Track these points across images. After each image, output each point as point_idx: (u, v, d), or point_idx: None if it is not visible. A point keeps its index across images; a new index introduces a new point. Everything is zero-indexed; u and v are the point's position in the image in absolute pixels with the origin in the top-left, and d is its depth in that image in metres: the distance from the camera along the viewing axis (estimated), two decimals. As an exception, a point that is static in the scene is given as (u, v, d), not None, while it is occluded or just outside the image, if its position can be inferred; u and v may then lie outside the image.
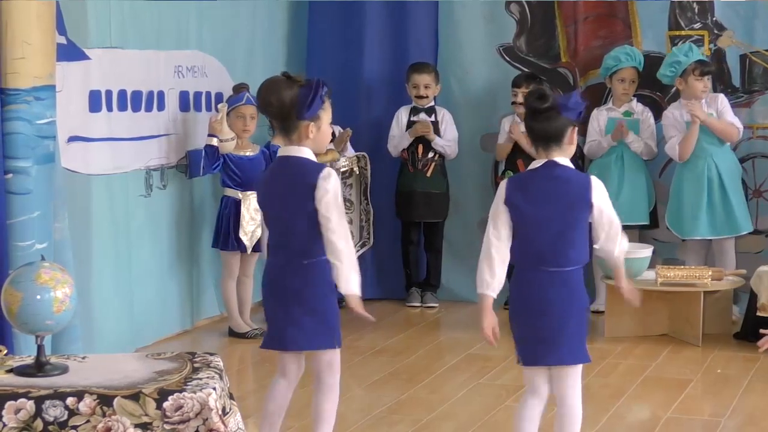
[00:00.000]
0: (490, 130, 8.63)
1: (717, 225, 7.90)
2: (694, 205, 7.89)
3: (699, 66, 7.86)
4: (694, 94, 7.90)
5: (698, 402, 6.26)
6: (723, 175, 7.89)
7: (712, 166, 7.89)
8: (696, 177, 7.90)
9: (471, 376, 6.68)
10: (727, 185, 7.88)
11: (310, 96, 4.67)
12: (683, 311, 7.51)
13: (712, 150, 7.90)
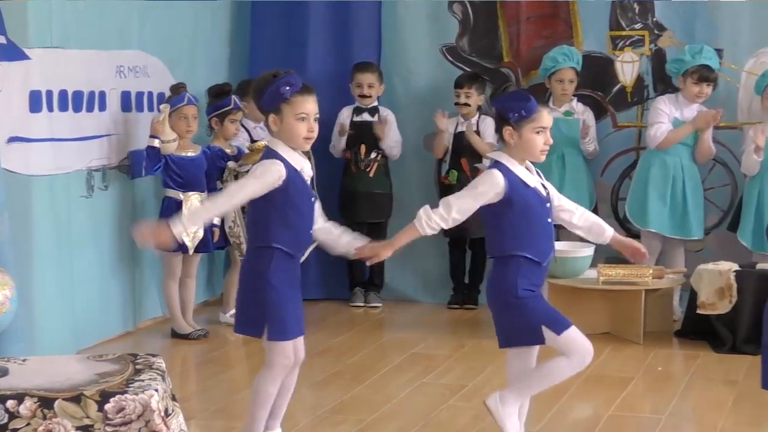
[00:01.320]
0: (433, 130, 8.63)
1: (672, 224, 7.96)
2: (657, 199, 7.95)
3: (699, 70, 7.83)
4: (689, 97, 7.90)
5: (639, 400, 6.30)
6: (687, 178, 7.95)
7: (679, 166, 7.95)
8: (664, 172, 7.96)
9: (415, 376, 6.68)
10: (688, 188, 7.94)
11: (265, 88, 4.74)
12: (625, 310, 7.56)
13: (684, 151, 7.96)
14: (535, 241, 4.83)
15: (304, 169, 4.83)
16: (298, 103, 4.78)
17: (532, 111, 4.77)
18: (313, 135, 4.84)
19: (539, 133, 4.82)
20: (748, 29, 8.22)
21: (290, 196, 4.79)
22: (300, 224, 4.86)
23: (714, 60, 7.87)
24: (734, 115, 8.28)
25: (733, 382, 6.49)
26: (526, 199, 4.81)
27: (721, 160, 8.30)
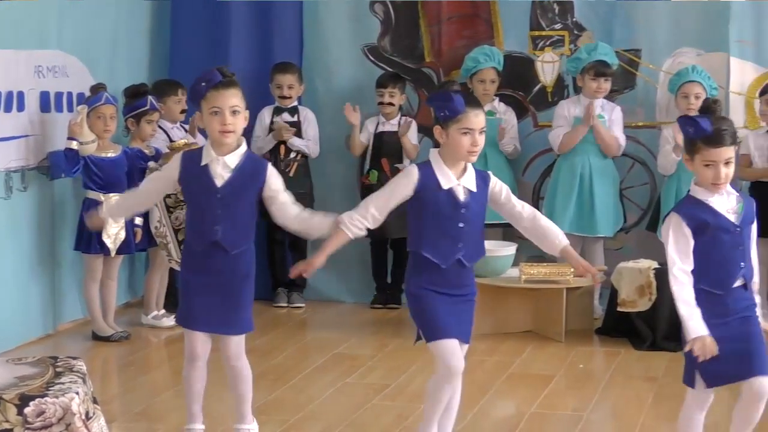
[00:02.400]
0: (355, 130, 8.65)
1: (579, 223, 8.04)
2: (565, 198, 8.03)
3: (595, 66, 7.95)
4: (587, 93, 8.01)
5: (561, 397, 6.35)
6: (595, 176, 8.02)
7: (587, 164, 8.03)
8: (570, 172, 8.05)
9: (338, 376, 6.68)
10: (596, 186, 8.01)
11: (192, 88, 4.83)
12: (546, 308, 7.61)
13: (590, 149, 8.03)
14: (437, 242, 4.77)
15: (212, 165, 4.89)
16: (211, 97, 4.85)
17: (457, 111, 4.72)
18: (228, 128, 4.86)
19: (465, 134, 4.74)
20: (666, 29, 8.32)
21: (187, 191, 4.98)
22: (198, 218, 4.96)
23: (610, 56, 8.00)
24: (653, 114, 8.38)
25: (653, 379, 6.56)
26: (434, 200, 4.75)
27: (641, 159, 8.39)
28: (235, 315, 5.06)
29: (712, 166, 4.41)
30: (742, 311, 4.47)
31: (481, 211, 4.86)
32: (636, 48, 8.35)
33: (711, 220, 4.44)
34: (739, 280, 4.46)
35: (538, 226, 4.92)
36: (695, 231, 4.45)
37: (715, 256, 4.44)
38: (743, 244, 4.46)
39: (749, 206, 4.52)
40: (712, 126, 4.40)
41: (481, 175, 4.88)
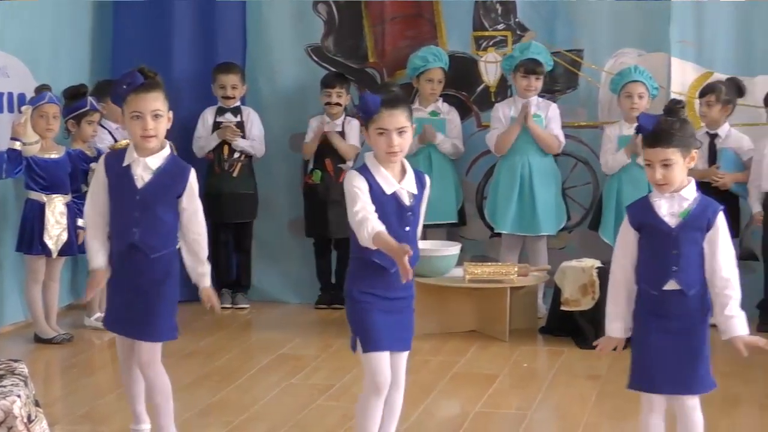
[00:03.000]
0: (299, 130, 8.63)
1: (522, 222, 8.08)
2: (506, 199, 8.06)
3: (525, 64, 7.99)
4: (519, 91, 8.07)
5: (506, 396, 6.37)
6: (535, 175, 8.06)
7: (527, 164, 8.06)
8: (510, 172, 8.08)
9: (283, 377, 6.67)
10: (536, 185, 8.05)
11: (113, 89, 4.78)
12: (490, 307, 7.63)
13: (529, 149, 8.07)
14: None
15: (133, 165, 4.83)
16: (132, 101, 4.77)
17: (371, 112, 4.62)
18: (150, 133, 4.78)
19: (381, 135, 4.61)
20: (607, 30, 8.37)
21: (110, 191, 4.89)
22: (118, 219, 4.89)
23: (543, 55, 8.05)
24: (595, 114, 8.43)
25: (597, 377, 6.60)
26: (380, 205, 4.63)
27: (583, 158, 8.44)
28: (148, 320, 4.92)
29: (650, 165, 4.42)
30: (684, 319, 4.45)
31: (421, 212, 4.79)
32: (578, 48, 8.40)
33: (649, 221, 4.45)
34: (672, 284, 4.42)
35: None
36: (638, 229, 4.47)
37: (651, 257, 4.45)
38: (678, 248, 4.41)
39: (702, 214, 4.44)
40: (655, 126, 4.40)
41: (419, 176, 4.80)
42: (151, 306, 4.92)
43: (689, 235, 4.43)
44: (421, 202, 4.78)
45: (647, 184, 7.69)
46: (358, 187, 4.60)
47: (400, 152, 4.66)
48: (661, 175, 4.39)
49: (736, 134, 7.95)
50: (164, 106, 4.83)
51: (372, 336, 4.69)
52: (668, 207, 4.44)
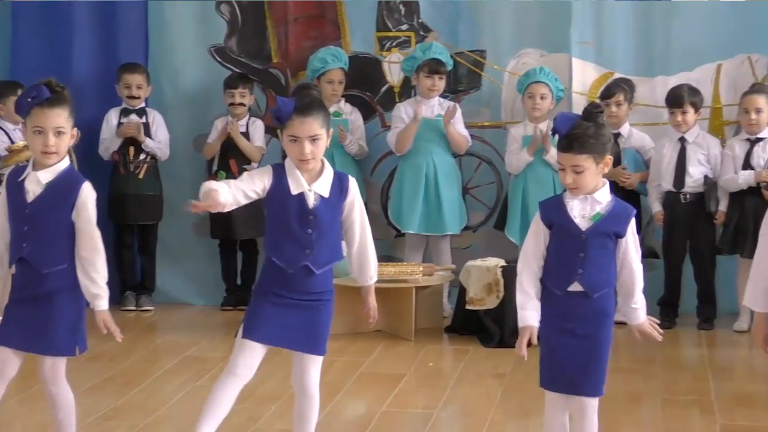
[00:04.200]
0: (203, 131, 8.59)
1: (428, 222, 8.11)
2: (412, 199, 8.09)
3: (429, 64, 8.04)
4: (423, 91, 8.10)
5: (412, 395, 6.39)
6: (440, 174, 8.10)
7: (431, 164, 8.10)
8: (415, 172, 8.11)
9: (189, 379, 6.63)
10: (441, 184, 8.09)
11: (18, 100, 4.67)
12: (396, 307, 7.65)
13: (433, 148, 8.11)
14: (284, 247, 4.67)
15: (27, 179, 4.67)
16: (35, 116, 4.62)
17: (284, 118, 4.59)
18: (50, 150, 4.62)
19: (293, 142, 4.59)
20: (510, 30, 8.44)
21: (8, 207, 4.71)
22: (12, 233, 4.73)
23: (444, 55, 8.10)
24: (498, 114, 8.49)
25: (502, 376, 6.64)
26: (283, 205, 4.64)
27: (487, 158, 8.50)
28: (46, 335, 4.75)
29: (562, 170, 4.41)
30: (587, 321, 4.46)
31: (335, 216, 4.74)
32: (481, 49, 8.46)
33: (559, 220, 4.44)
34: (576, 286, 4.44)
35: (364, 257, 4.87)
36: (548, 227, 4.47)
37: (558, 257, 4.46)
38: (585, 251, 4.41)
39: (614, 219, 4.45)
40: (569, 130, 4.36)
41: (341, 178, 4.75)
42: (47, 321, 4.75)
43: (598, 239, 4.43)
44: (339, 205, 4.72)
45: (553, 183, 7.86)
46: (254, 172, 4.73)
47: (312, 160, 4.62)
48: (572, 180, 4.38)
49: (637, 133, 8.07)
50: (68, 123, 4.66)
51: (253, 324, 4.72)
52: (580, 209, 4.44)
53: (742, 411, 6.00)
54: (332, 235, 4.76)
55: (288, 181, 4.66)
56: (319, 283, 4.75)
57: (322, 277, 4.77)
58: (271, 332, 4.71)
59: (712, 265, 7.89)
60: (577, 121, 4.40)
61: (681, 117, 7.78)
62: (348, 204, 4.75)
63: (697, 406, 6.10)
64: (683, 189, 7.81)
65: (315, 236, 4.68)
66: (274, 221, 4.70)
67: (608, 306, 4.53)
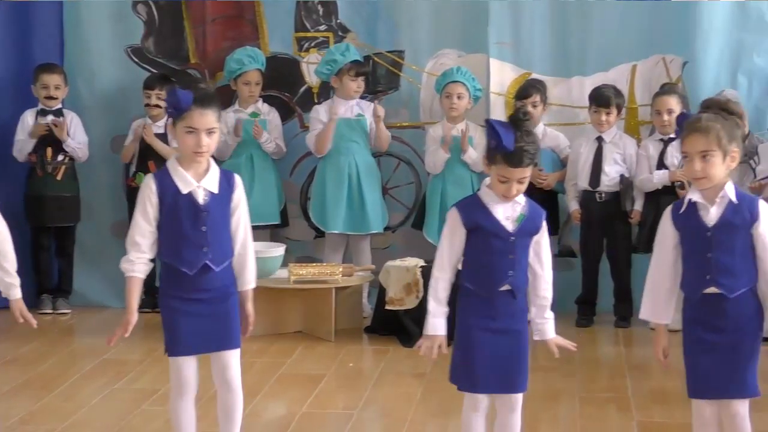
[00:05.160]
0: (121, 132, 8.52)
1: (351, 222, 8.12)
2: (335, 199, 8.09)
3: (354, 66, 8.04)
4: (348, 93, 8.09)
5: (332, 396, 6.39)
6: (362, 174, 8.11)
7: (353, 163, 8.10)
8: (337, 172, 8.11)
9: (107, 382, 6.58)
10: (364, 184, 8.10)
11: None
12: (316, 308, 7.65)
13: (354, 148, 8.12)
14: (180, 249, 4.65)
15: None
16: None
17: (182, 109, 4.56)
18: None
19: (190, 133, 4.56)
20: (428, 31, 8.46)
21: None
22: None
23: (359, 56, 8.12)
24: (417, 115, 8.52)
25: (421, 375, 6.66)
26: (174, 206, 4.61)
27: (406, 159, 8.52)
28: None
29: (506, 182, 4.40)
30: (511, 319, 4.50)
31: (226, 212, 4.71)
32: (399, 49, 8.49)
33: (485, 224, 4.45)
34: (506, 286, 4.48)
35: (244, 259, 4.82)
36: (469, 230, 4.47)
37: (485, 260, 4.46)
38: (514, 253, 4.45)
39: (533, 218, 4.50)
40: (515, 144, 4.34)
41: (227, 176, 4.73)
42: None
43: (523, 240, 4.48)
44: (229, 202, 4.71)
45: (471, 183, 7.90)
46: (140, 199, 4.68)
47: (207, 152, 4.61)
48: (515, 191, 4.41)
49: (551, 133, 8.13)
50: None
51: (174, 339, 4.70)
52: (503, 211, 4.45)
53: (658, 408, 6.08)
54: (226, 231, 4.73)
55: (175, 181, 4.63)
56: (221, 279, 4.72)
57: (223, 273, 4.73)
58: (191, 343, 4.71)
59: (629, 263, 7.98)
60: (516, 135, 4.36)
61: (606, 117, 7.85)
62: (235, 199, 4.73)
63: (614, 403, 6.18)
64: (599, 188, 7.89)
65: (209, 233, 4.65)
66: (166, 225, 4.65)
67: (526, 304, 4.59)
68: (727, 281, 4.39)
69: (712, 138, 4.34)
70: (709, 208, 4.40)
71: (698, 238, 4.41)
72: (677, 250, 4.48)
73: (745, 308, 4.42)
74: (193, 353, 4.73)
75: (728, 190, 4.40)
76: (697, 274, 4.43)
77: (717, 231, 4.38)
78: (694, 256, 4.43)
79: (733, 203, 4.39)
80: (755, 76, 8.19)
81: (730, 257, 4.38)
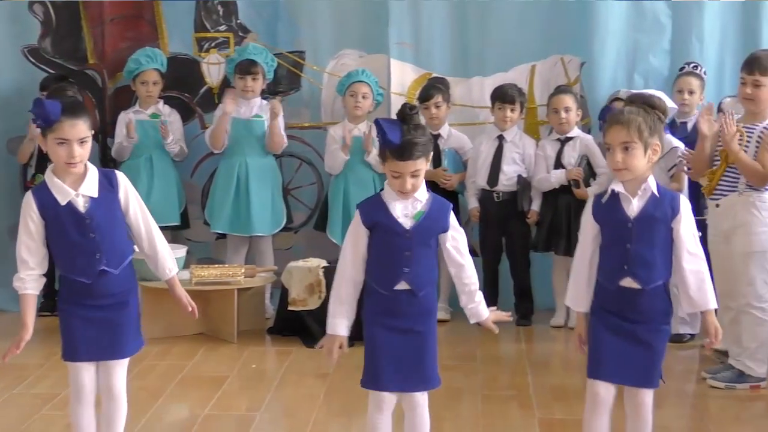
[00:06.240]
0: (18, 134, 8.41)
1: (238, 222, 8.09)
2: (222, 198, 8.06)
3: (241, 64, 8.04)
4: (238, 92, 8.09)
5: (235, 398, 6.37)
6: (252, 176, 8.07)
7: (243, 164, 8.07)
8: (228, 173, 8.10)
9: (5, 387, 6.49)
10: (253, 185, 8.07)
11: None
12: (218, 309, 7.62)
13: (247, 149, 8.09)
14: (73, 260, 4.60)
15: None
16: None
17: (51, 120, 4.48)
18: None
19: (61, 145, 4.49)
20: (329, 31, 8.49)
21: None
22: None
23: (261, 56, 8.11)
24: (318, 115, 8.53)
25: (325, 376, 6.66)
26: (57, 218, 4.55)
27: (307, 159, 8.52)
28: None
29: (399, 177, 4.41)
30: (414, 318, 4.52)
31: (113, 213, 4.65)
32: (300, 50, 8.49)
33: (383, 221, 4.47)
34: (403, 284, 4.48)
35: (154, 250, 4.78)
36: (370, 228, 4.49)
37: (383, 257, 4.49)
38: (411, 249, 4.46)
39: (435, 215, 4.51)
40: (402, 138, 4.37)
41: (107, 176, 4.66)
42: None
43: (422, 237, 4.49)
44: (113, 201, 4.64)
45: (374, 184, 7.92)
46: (22, 220, 4.59)
47: (81, 162, 4.55)
48: (410, 185, 4.42)
49: (456, 134, 8.18)
50: None
51: (70, 345, 4.69)
52: (402, 208, 4.48)
53: (559, 405, 6.15)
54: (117, 232, 4.68)
55: (53, 193, 4.56)
56: (120, 282, 4.68)
57: (121, 276, 4.69)
58: (86, 349, 4.68)
59: (528, 262, 8.05)
60: (403, 128, 4.40)
61: (510, 113, 7.91)
62: (123, 197, 4.67)
63: (515, 400, 6.23)
64: (496, 187, 7.95)
65: (99, 239, 4.60)
66: (54, 239, 4.60)
67: (432, 305, 4.61)
68: (644, 273, 4.48)
69: (633, 130, 4.42)
70: (631, 200, 4.49)
71: (619, 229, 4.51)
72: (596, 242, 4.57)
73: (658, 303, 4.52)
74: (86, 359, 4.70)
75: (650, 183, 4.51)
76: (615, 264, 4.52)
77: (638, 223, 4.48)
78: (614, 246, 4.52)
79: (655, 196, 4.50)
80: (651, 76, 8.31)
81: (648, 249, 4.48)
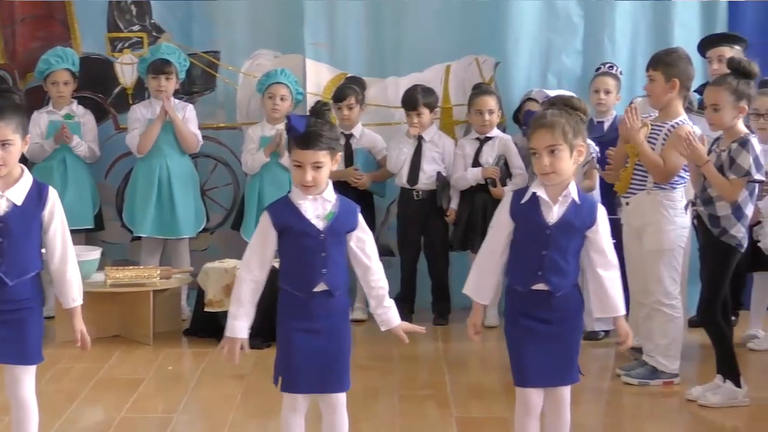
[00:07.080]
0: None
1: (162, 225, 8.04)
2: (145, 202, 8.00)
3: (153, 64, 7.98)
4: (151, 91, 8.07)
5: (151, 400, 6.32)
6: (173, 177, 8.02)
7: (165, 167, 8.02)
8: (148, 174, 8.03)
9: None
10: (175, 187, 8.02)
11: None
12: (134, 311, 7.56)
13: (168, 151, 8.03)
14: None
15: None
16: None
17: None
18: None
19: None
20: (244, 31, 8.46)
21: None
22: None
23: (174, 55, 8.07)
24: (234, 116, 8.50)
25: (241, 377, 6.64)
26: None
27: (223, 160, 8.49)
28: None
29: (300, 167, 4.40)
30: (330, 319, 4.52)
31: (30, 226, 4.57)
32: (215, 50, 8.45)
33: (295, 223, 4.45)
34: (321, 286, 4.48)
35: (63, 276, 4.70)
36: (280, 231, 4.47)
37: (298, 260, 4.47)
38: (326, 250, 4.45)
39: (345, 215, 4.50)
40: (306, 128, 4.38)
41: (39, 189, 4.59)
42: None
43: (335, 237, 4.49)
44: (36, 215, 4.58)
45: (289, 184, 7.89)
46: None
47: (4, 165, 4.48)
48: (311, 177, 4.40)
49: (369, 134, 8.19)
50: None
51: None
52: (313, 209, 4.46)
53: (476, 403, 6.18)
54: (27, 245, 4.59)
55: None
56: (18, 293, 4.59)
57: (20, 287, 4.59)
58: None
59: (446, 261, 8.09)
60: (310, 119, 4.43)
61: (417, 119, 7.93)
62: (47, 215, 4.61)
63: (433, 399, 6.25)
64: (417, 186, 7.98)
65: (5, 245, 4.53)
66: None
67: (346, 304, 4.62)
68: (556, 280, 4.50)
69: (558, 133, 4.43)
70: (551, 206, 4.49)
71: (536, 233, 4.50)
72: (509, 240, 4.57)
73: (570, 303, 4.55)
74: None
75: (571, 190, 4.50)
76: (528, 268, 4.52)
77: (556, 230, 4.48)
78: (529, 250, 4.52)
79: (575, 203, 4.50)
80: (564, 75, 8.39)
81: (562, 257, 4.49)
